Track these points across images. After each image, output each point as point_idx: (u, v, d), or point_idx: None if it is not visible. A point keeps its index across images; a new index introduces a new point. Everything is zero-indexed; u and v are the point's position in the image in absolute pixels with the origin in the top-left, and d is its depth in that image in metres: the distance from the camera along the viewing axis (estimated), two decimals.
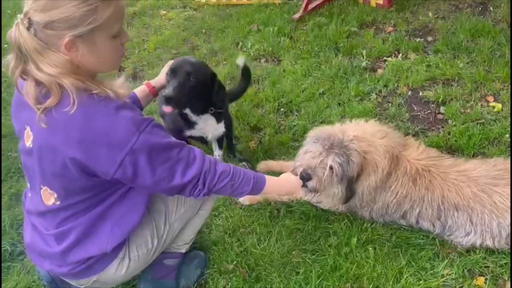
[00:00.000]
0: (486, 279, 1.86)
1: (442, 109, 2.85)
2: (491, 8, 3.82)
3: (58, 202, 1.48)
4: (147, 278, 1.89)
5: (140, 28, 4.48)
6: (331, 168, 1.95)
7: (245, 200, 2.36)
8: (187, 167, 1.46)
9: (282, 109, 3.07)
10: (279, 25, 4.00)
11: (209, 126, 2.36)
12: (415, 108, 2.92)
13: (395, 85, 3.12)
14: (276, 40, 3.82)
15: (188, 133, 2.36)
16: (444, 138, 2.60)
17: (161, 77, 2.18)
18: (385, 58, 3.42)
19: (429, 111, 2.88)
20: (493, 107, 2.78)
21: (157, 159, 1.38)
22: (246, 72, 2.71)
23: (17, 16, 1.27)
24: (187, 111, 2.25)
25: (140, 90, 2.11)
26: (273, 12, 4.25)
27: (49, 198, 1.49)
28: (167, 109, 2.09)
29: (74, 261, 1.55)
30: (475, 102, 2.85)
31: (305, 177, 1.96)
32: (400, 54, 3.41)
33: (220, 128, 2.41)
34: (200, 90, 2.14)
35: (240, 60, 2.67)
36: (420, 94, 3.02)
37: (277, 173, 2.48)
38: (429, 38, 3.60)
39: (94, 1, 1.26)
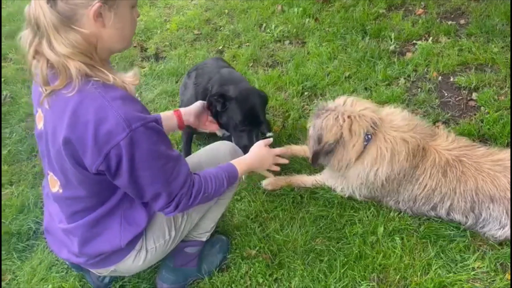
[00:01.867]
0: None
1: (474, 95, 2.74)
2: None
3: (61, 191, 1.46)
4: (169, 266, 1.87)
5: (163, 8, 4.42)
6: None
7: (267, 185, 2.32)
8: (165, 183, 1.38)
9: (306, 93, 3.00)
10: (304, 6, 3.88)
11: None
12: (446, 94, 2.80)
13: (425, 69, 3.01)
14: (301, 22, 3.72)
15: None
16: (476, 126, 2.49)
17: (192, 108, 2.05)
18: (414, 41, 3.28)
19: (460, 97, 2.76)
20: None
21: (139, 164, 1.30)
22: None
23: None
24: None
25: (166, 116, 1.95)
26: None
27: (54, 184, 1.48)
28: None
29: (89, 254, 1.55)
30: (510, 89, 2.72)
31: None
32: (431, 38, 3.27)
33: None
34: None
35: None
36: (451, 79, 2.90)
37: (300, 158, 2.45)
38: (462, 21, 3.44)
39: None
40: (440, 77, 2.93)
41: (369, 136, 1.96)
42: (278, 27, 3.70)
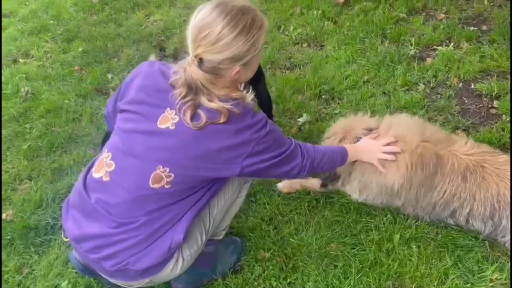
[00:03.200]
0: None
1: (495, 103, 2.69)
2: None
3: (168, 186, 1.52)
4: None
5: (182, 8, 4.44)
6: None
7: (283, 188, 2.31)
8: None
9: (323, 96, 2.98)
10: (323, 8, 3.86)
11: None
12: (466, 101, 2.76)
13: (445, 76, 2.96)
14: (320, 24, 3.69)
15: None
16: (498, 134, 2.44)
17: None
18: (435, 46, 3.24)
19: (481, 105, 2.72)
20: None
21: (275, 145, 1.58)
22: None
23: (186, 58, 1.47)
24: None
25: None
26: None
27: (160, 180, 1.51)
28: None
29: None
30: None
31: None
32: (452, 43, 3.22)
33: None
34: None
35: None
36: (472, 86, 2.86)
37: None
38: (484, 27, 3.38)
39: (254, 32, 1.44)
40: (460, 83, 2.89)
41: None
42: (296, 30, 3.68)
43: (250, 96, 1.57)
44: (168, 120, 1.49)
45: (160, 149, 1.50)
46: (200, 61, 1.44)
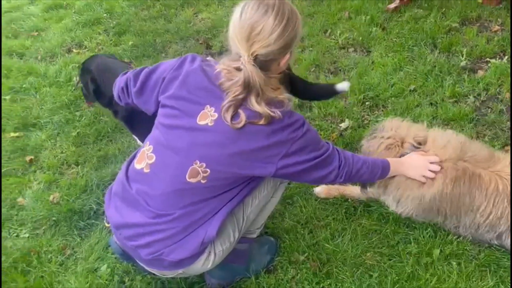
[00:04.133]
0: None
1: None
2: None
3: (205, 181, 1.55)
4: None
5: (231, 7, 4.50)
6: None
7: (320, 193, 2.30)
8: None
9: (367, 103, 2.94)
10: (372, 14, 3.80)
11: None
12: None
13: (497, 89, 2.85)
14: (368, 30, 3.65)
15: None
16: None
17: None
18: (488, 59, 3.12)
19: None
20: None
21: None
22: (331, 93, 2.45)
23: (240, 59, 1.48)
24: None
25: None
26: (367, 0, 4.06)
27: (196, 175, 1.55)
28: None
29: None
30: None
31: None
32: (506, 57, 3.10)
33: None
34: None
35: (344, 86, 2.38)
36: None
37: None
38: None
39: (295, 19, 1.51)
40: None
41: None
42: (343, 34, 3.65)
43: (290, 97, 1.60)
44: (207, 117, 1.53)
45: (199, 145, 1.54)
46: (255, 58, 1.47)
